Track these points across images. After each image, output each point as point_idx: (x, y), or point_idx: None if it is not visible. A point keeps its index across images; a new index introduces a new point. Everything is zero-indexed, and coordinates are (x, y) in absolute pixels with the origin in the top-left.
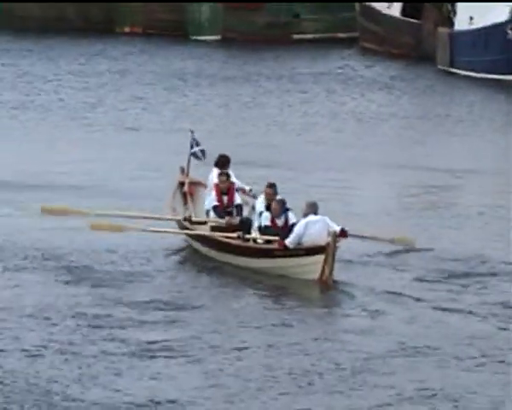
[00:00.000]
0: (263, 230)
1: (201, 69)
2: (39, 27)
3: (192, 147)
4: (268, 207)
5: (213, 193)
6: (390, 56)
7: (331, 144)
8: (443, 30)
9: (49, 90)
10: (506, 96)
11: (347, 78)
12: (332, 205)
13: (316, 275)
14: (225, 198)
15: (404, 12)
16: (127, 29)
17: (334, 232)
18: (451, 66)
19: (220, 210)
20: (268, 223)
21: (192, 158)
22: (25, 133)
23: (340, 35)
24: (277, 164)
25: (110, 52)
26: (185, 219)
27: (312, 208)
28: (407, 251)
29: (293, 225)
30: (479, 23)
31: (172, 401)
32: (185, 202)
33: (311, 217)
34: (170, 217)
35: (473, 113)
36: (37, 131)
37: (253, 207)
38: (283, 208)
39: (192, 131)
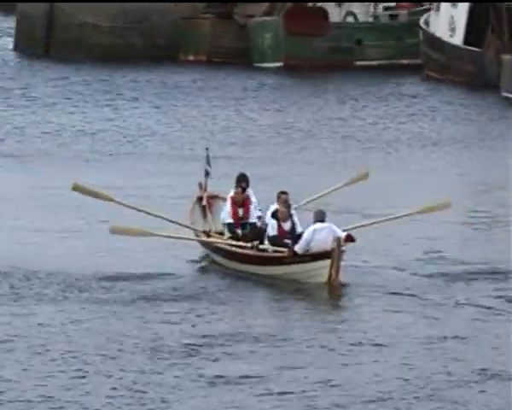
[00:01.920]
0: (271, 240)
1: (263, 96)
2: (106, 55)
3: (208, 163)
4: (274, 214)
5: (228, 205)
6: (453, 84)
7: (392, 170)
8: (508, 57)
9: (111, 118)
10: None
11: (409, 104)
12: (395, 229)
13: (324, 278)
14: (241, 211)
15: (466, 40)
16: (191, 57)
17: (339, 238)
18: None
19: (234, 227)
20: (275, 233)
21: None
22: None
23: (404, 62)
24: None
25: (173, 79)
26: (204, 232)
27: (320, 216)
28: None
29: (301, 234)
30: None
31: None
32: (204, 216)
33: (318, 224)
34: (192, 226)
35: None
36: (92, 158)
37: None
38: (289, 211)
39: (207, 149)
